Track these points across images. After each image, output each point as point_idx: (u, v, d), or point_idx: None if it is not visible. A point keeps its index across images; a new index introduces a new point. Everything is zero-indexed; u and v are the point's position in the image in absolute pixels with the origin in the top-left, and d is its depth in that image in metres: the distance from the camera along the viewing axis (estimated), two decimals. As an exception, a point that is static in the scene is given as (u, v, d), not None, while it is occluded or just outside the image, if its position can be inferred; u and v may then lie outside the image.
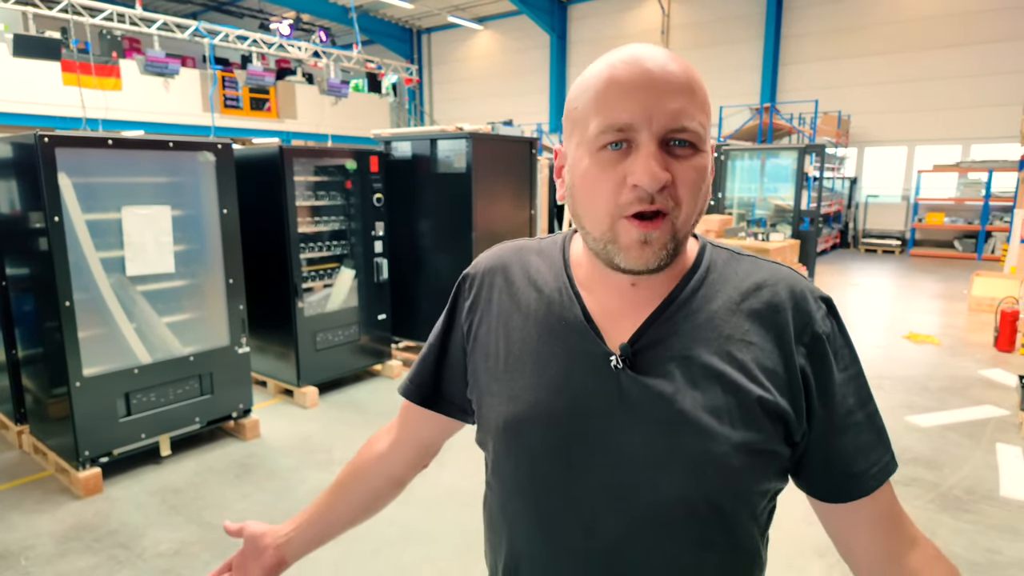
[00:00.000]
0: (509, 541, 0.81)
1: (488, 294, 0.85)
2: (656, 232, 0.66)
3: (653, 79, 0.65)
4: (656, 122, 0.64)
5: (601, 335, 0.74)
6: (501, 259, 0.87)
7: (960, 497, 3.15)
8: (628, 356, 0.72)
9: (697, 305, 0.73)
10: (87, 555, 2.69)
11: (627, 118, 0.65)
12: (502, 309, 0.83)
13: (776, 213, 8.91)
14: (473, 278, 0.88)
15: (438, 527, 2.90)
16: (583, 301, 0.77)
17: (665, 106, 0.64)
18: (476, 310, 0.85)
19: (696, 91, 0.66)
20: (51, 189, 2.94)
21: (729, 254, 0.78)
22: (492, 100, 18.67)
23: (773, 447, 0.71)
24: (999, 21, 11.77)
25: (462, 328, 0.87)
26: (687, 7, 15.17)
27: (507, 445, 0.78)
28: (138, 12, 10.01)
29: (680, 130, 0.65)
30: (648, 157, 0.64)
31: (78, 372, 3.10)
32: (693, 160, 0.66)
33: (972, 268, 10.02)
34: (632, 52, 0.67)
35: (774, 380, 0.71)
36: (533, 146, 5.38)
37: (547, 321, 0.78)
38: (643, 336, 0.73)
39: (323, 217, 4.70)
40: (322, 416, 4.28)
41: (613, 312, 0.75)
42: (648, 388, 0.71)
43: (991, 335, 5.95)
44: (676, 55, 0.68)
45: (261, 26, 16.46)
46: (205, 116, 10.60)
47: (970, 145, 12.59)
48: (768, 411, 0.70)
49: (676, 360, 0.71)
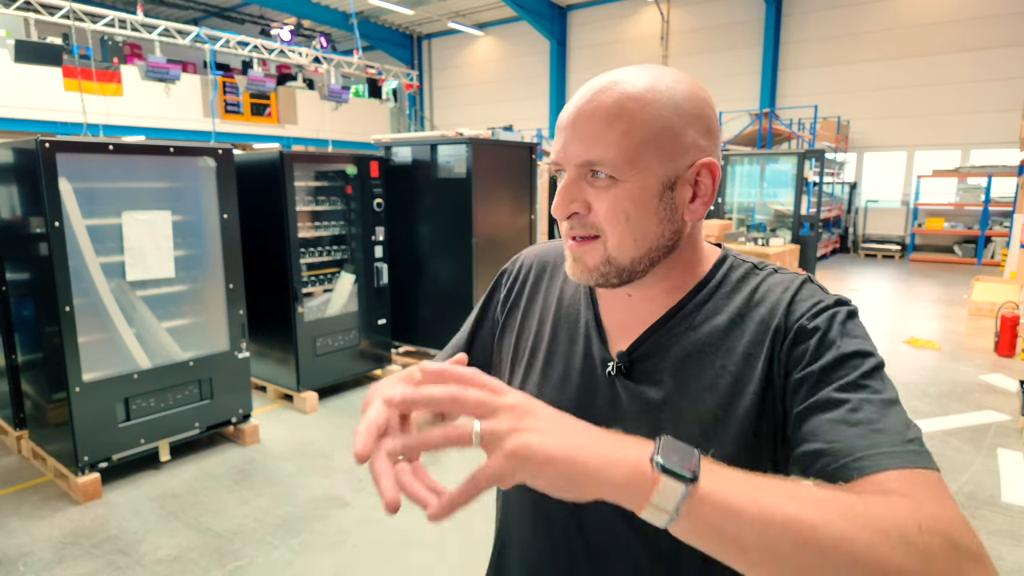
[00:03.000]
0: (514, 528, 0.86)
1: (521, 289, 0.91)
2: (581, 251, 0.72)
3: (572, 116, 0.70)
4: (570, 159, 0.70)
5: (607, 341, 0.78)
6: (539, 257, 0.92)
7: (961, 503, 3.14)
8: (624, 364, 0.75)
9: (702, 318, 0.74)
10: (86, 561, 2.68)
11: (555, 155, 0.72)
12: (529, 305, 0.88)
13: (776, 218, 8.93)
14: (510, 273, 0.94)
15: (438, 534, 2.89)
16: (598, 307, 0.81)
17: (577, 143, 0.69)
18: (508, 303, 0.91)
19: (617, 123, 0.66)
20: (52, 194, 2.94)
21: (749, 268, 0.77)
22: (492, 105, 18.72)
23: (762, 460, 0.69)
24: (998, 27, 11.81)
25: (493, 318, 0.93)
26: (687, 13, 15.22)
27: None
28: (139, 18, 10.05)
29: (586, 163, 0.68)
30: (559, 190, 0.71)
31: (77, 377, 3.10)
32: (610, 191, 0.68)
33: (972, 273, 10.02)
34: (591, 83, 0.71)
35: (767, 390, 0.69)
36: (533, 151, 5.39)
37: (563, 323, 0.83)
38: (642, 346, 0.75)
39: (323, 222, 4.71)
40: (322, 421, 4.28)
41: (622, 320, 0.78)
42: (639, 396, 0.73)
43: (991, 340, 5.94)
44: (637, 79, 0.68)
45: (262, 32, 16.50)
46: (206, 121, 10.63)
47: (969, 150, 12.61)
48: (760, 424, 0.69)
49: (670, 371, 0.73)
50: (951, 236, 12.57)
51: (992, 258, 11.73)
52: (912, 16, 12.63)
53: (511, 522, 0.87)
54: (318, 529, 2.93)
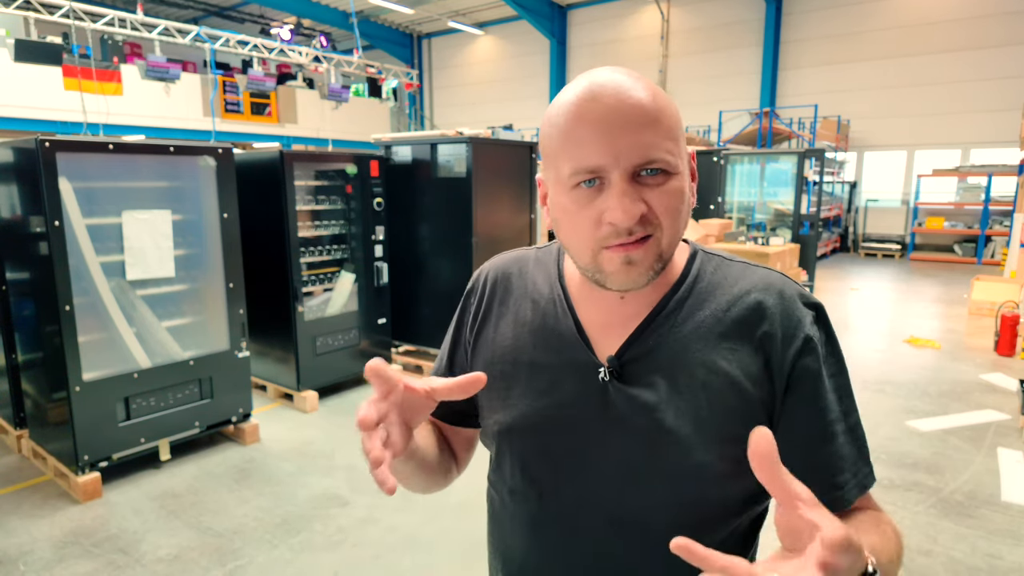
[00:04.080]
0: (506, 535, 0.86)
1: (488, 304, 0.88)
2: (640, 253, 0.68)
3: (615, 116, 0.65)
4: (623, 160, 0.65)
5: (592, 347, 0.77)
6: (500, 270, 0.90)
7: (961, 502, 3.14)
8: (616, 368, 0.74)
9: (684, 315, 0.74)
10: (86, 560, 2.68)
11: (595, 161, 0.66)
12: (501, 319, 0.86)
13: (776, 217, 8.92)
14: (474, 292, 0.91)
15: (438, 534, 2.89)
16: (576, 313, 0.79)
17: (630, 143, 0.65)
18: (476, 321, 0.88)
19: (661, 118, 0.66)
20: (52, 193, 2.94)
21: (719, 261, 0.79)
22: (492, 105, 18.70)
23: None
24: (998, 26, 11.80)
25: (466, 340, 0.90)
26: (687, 12, 15.20)
27: (502, 449, 0.83)
28: (139, 17, 10.05)
29: (648, 162, 0.66)
30: (620, 196, 0.65)
31: (78, 376, 3.10)
32: (667, 185, 0.67)
33: (972, 272, 10.02)
34: (595, 86, 0.67)
35: (760, 387, 0.71)
36: (533, 151, 5.39)
37: (542, 332, 0.81)
38: (630, 348, 0.75)
39: (323, 221, 4.71)
40: (322, 421, 4.28)
41: (604, 324, 0.77)
42: (633, 399, 0.73)
43: (991, 339, 5.94)
44: (640, 77, 0.68)
45: (262, 31, 16.49)
46: (206, 121, 10.63)
47: (969, 149, 12.60)
48: (753, 419, 0.70)
49: (661, 371, 0.73)
50: (951, 235, 12.57)
51: (992, 257, 11.73)
52: (912, 15, 12.62)
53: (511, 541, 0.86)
54: (318, 528, 2.93)
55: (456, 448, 0.95)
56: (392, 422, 0.64)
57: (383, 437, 0.61)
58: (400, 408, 0.64)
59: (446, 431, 0.94)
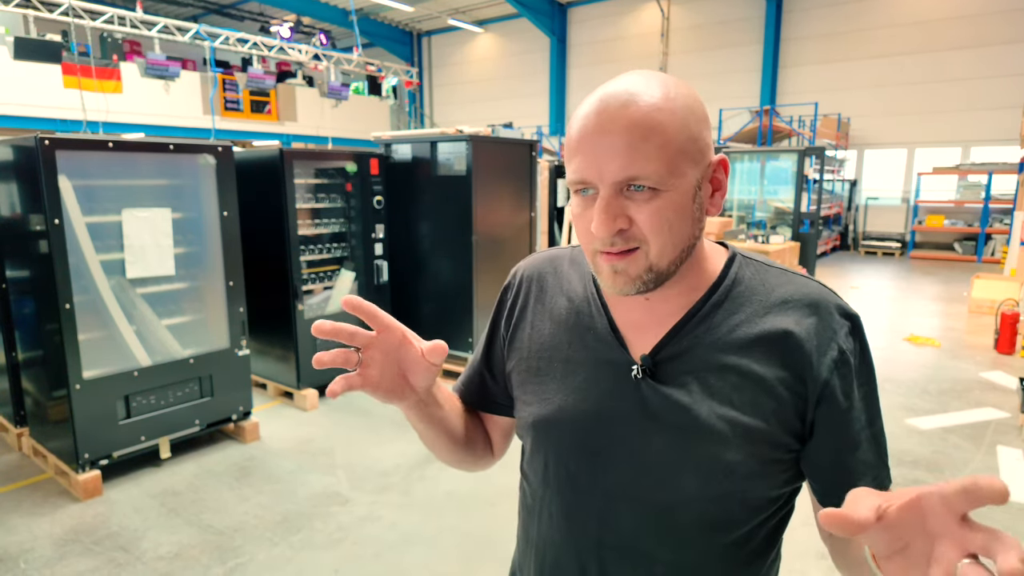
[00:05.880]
0: (537, 525, 0.88)
1: (524, 302, 0.91)
2: (623, 263, 0.71)
3: (602, 134, 0.67)
4: (607, 176, 0.67)
5: (626, 345, 0.78)
6: (536, 268, 0.92)
7: (961, 500, 3.15)
8: (649, 367, 0.76)
9: (720, 318, 0.76)
10: (86, 558, 2.68)
11: (583, 174, 0.69)
12: (536, 317, 0.88)
13: (776, 215, 8.92)
14: (510, 289, 0.94)
15: (438, 531, 2.90)
16: (610, 312, 0.81)
17: (613, 161, 0.67)
18: (513, 318, 0.91)
19: (653, 135, 0.66)
20: (51, 192, 2.94)
21: (757, 266, 0.80)
22: (492, 103, 18.69)
23: (784, 457, 0.73)
24: (999, 24, 11.79)
25: (503, 337, 0.93)
26: (687, 10, 15.19)
27: (537, 442, 0.86)
28: (139, 15, 10.03)
29: (630, 180, 0.67)
30: (600, 210, 0.68)
31: (78, 374, 3.10)
32: (653, 203, 0.68)
33: (972, 270, 10.02)
34: (603, 97, 0.69)
35: (793, 393, 0.72)
36: (533, 149, 5.38)
37: (576, 329, 0.83)
38: (664, 348, 0.76)
39: (323, 219, 4.70)
40: (322, 419, 4.28)
41: (637, 323, 0.79)
42: (667, 397, 0.74)
43: (991, 337, 5.94)
44: (657, 86, 0.68)
45: (261, 29, 16.48)
46: (205, 119, 10.62)
47: (970, 147, 12.60)
48: (782, 423, 0.72)
49: (694, 372, 0.74)
50: (951, 233, 12.57)
51: (992, 255, 11.73)
52: (912, 13, 12.60)
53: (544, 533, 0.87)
54: (318, 526, 2.94)
55: (492, 434, 0.99)
56: (374, 359, 0.73)
57: (353, 361, 0.71)
58: (386, 349, 0.73)
59: (483, 417, 0.99)
